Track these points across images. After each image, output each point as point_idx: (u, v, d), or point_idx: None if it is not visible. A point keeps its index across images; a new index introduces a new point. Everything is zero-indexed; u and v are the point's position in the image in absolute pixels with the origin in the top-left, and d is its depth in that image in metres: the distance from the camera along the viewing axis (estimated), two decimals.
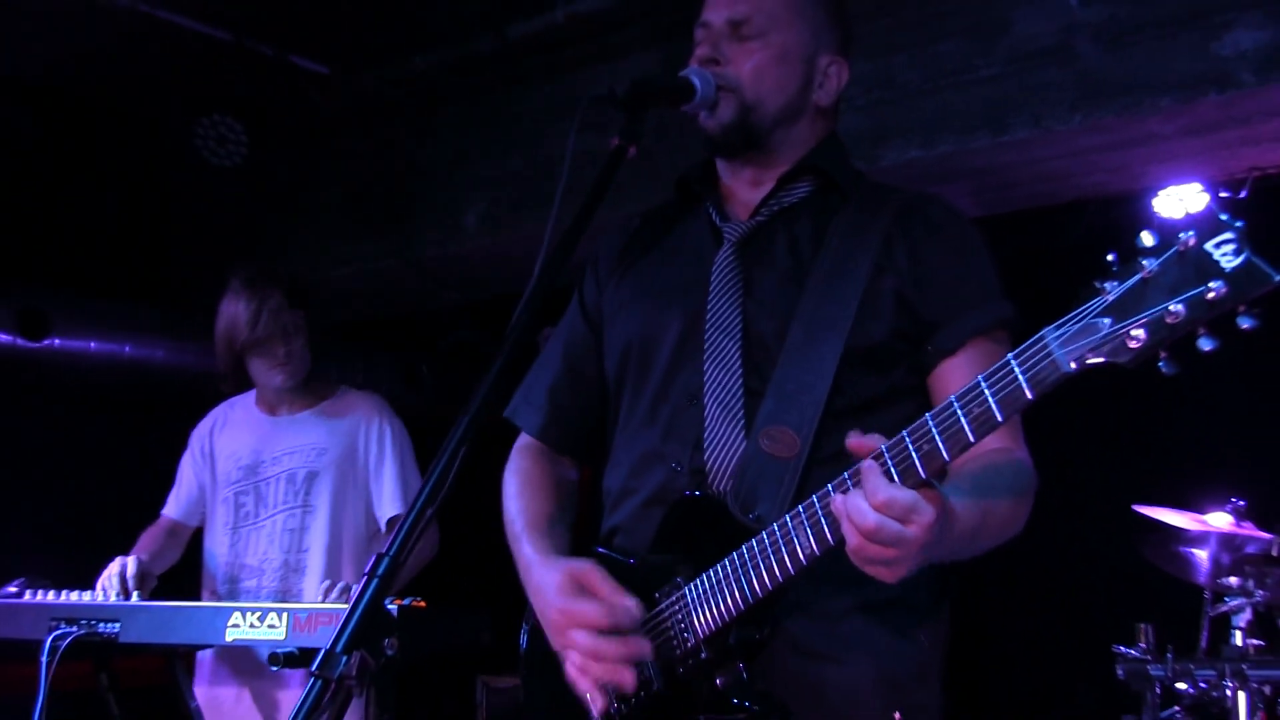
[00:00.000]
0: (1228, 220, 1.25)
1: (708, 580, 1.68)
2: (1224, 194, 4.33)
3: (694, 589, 1.69)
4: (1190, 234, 1.26)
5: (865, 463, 1.44)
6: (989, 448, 1.62)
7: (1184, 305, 1.25)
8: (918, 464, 1.43)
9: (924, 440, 1.43)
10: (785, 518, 1.58)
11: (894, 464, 1.44)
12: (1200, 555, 3.91)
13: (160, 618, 2.93)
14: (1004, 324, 1.80)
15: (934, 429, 1.42)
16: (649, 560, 1.80)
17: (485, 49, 4.85)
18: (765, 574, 1.60)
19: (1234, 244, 1.24)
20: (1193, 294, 1.25)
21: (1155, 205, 4.62)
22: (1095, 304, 1.32)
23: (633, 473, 1.91)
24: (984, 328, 1.78)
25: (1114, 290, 1.31)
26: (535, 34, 4.72)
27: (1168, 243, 1.28)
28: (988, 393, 1.39)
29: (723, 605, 1.65)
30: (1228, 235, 1.24)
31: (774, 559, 1.59)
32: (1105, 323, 1.31)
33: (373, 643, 1.38)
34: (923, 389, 1.81)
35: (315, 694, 1.34)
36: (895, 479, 1.43)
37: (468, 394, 1.54)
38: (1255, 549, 3.77)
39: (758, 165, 1.96)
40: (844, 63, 1.97)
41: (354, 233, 5.81)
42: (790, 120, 1.93)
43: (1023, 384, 1.36)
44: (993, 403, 1.38)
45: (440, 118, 5.54)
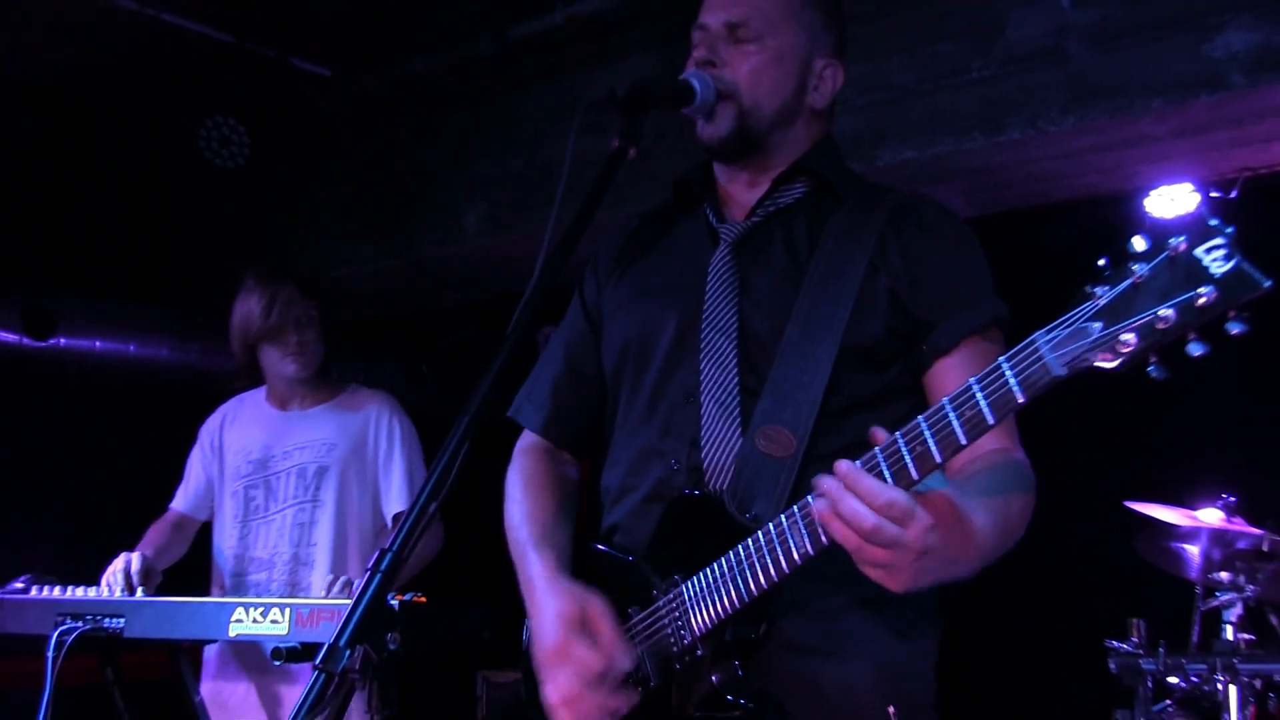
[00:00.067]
0: (1218, 226, 1.26)
1: (705, 578, 1.68)
2: (1215, 194, 4.31)
3: (691, 587, 1.70)
4: (1181, 239, 1.27)
5: (842, 463, 1.44)
6: (988, 449, 1.65)
7: (1174, 310, 1.26)
8: (910, 466, 1.44)
9: (916, 442, 1.44)
10: (780, 517, 1.59)
11: (887, 465, 1.46)
12: (1191, 551, 3.88)
13: (164, 613, 2.96)
14: (998, 323, 1.80)
15: (926, 431, 1.44)
16: (647, 558, 1.82)
17: (485, 51, 4.84)
18: (761, 573, 1.61)
19: (1224, 249, 1.25)
20: (1183, 299, 1.26)
21: (1147, 205, 4.61)
22: (1086, 308, 1.33)
23: (631, 470, 1.92)
24: (978, 327, 1.78)
25: (1105, 295, 1.32)
26: (535, 36, 4.72)
27: (1158, 248, 1.29)
28: (979, 395, 1.40)
29: (719, 603, 1.66)
30: (1218, 241, 1.25)
31: (769, 558, 1.60)
32: (1096, 327, 1.32)
33: (375, 637, 1.40)
34: (917, 388, 1.82)
35: (318, 688, 1.36)
36: (889, 480, 1.44)
37: (468, 393, 1.54)
38: (1246, 544, 3.73)
39: (754, 167, 1.96)
40: (839, 65, 1.97)
41: (355, 233, 5.80)
42: (786, 123, 1.94)
43: (1014, 387, 1.37)
44: (984, 406, 1.40)
45: (440, 119, 5.52)
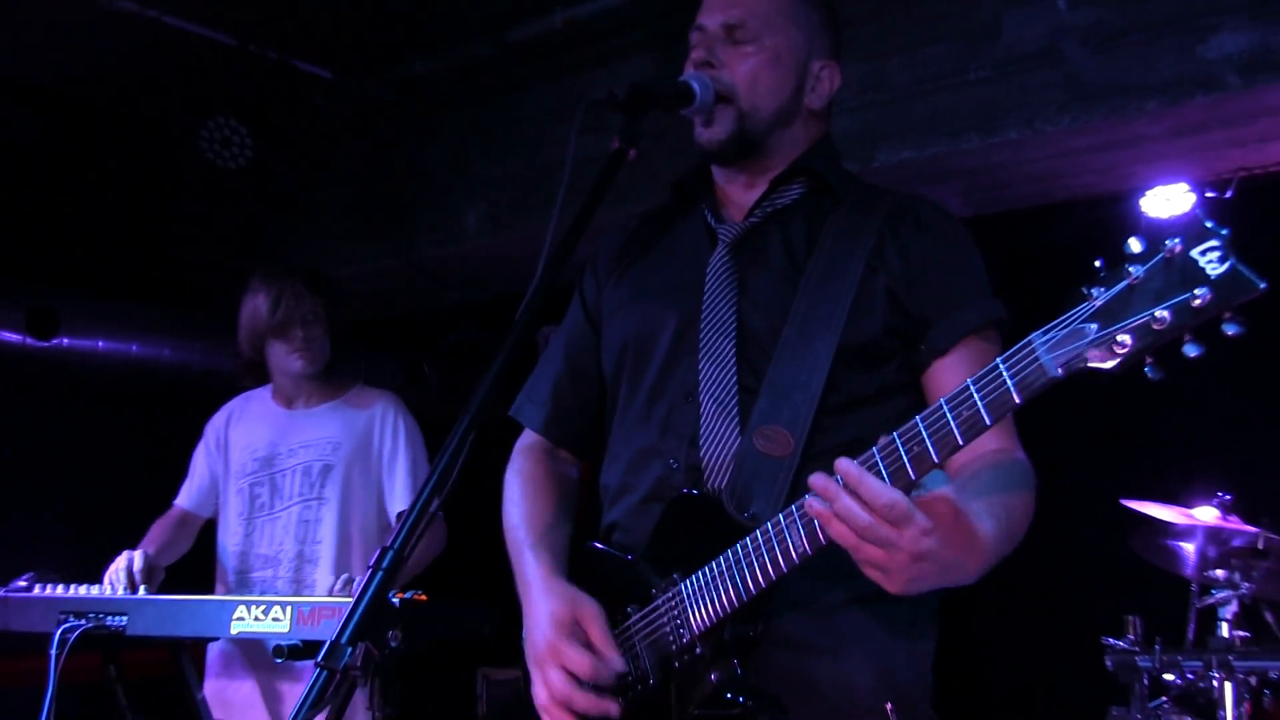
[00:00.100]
0: (1214, 228, 1.27)
1: (703, 577, 1.69)
2: (1210, 194, 4.32)
3: (690, 585, 1.71)
4: (1177, 241, 1.27)
5: (843, 461, 1.44)
6: (989, 449, 1.67)
7: (1170, 311, 1.27)
8: (908, 466, 1.45)
9: (914, 442, 1.45)
10: (779, 516, 1.59)
11: (885, 465, 1.46)
12: (1187, 548, 3.90)
13: (166, 611, 2.97)
14: (995, 323, 1.81)
15: (924, 431, 1.45)
16: (646, 557, 1.82)
17: (485, 54, 4.86)
18: (759, 571, 1.61)
19: (1219, 251, 1.25)
20: (1179, 300, 1.26)
21: (1143, 205, 4.62)
22: (1082, 309, 1.33)
23: (630, 469, 1.92)
24: (975, 327, 1.78)
25: (1101, 296, 1.32)
26: (534, 39, 4.72)
27: (1154, 249, 1.29)
28: (976, 396, 1.41)
29: (718, 602, 1.66)
30: (1213, 242, 1.26)
31: (767, 557, 1.60)
32: (1092, 328, 1.32)
33: (377, 634, 1.41)
34: (915, 386, 1.83)
35: (320, 684, 1.37)
36: (886, 479, 1.45)
37: (469, 393, 1.54)
38: (1241, 542, 3.74)
39: (752, 168, 1.97)
40: (836, 67, 1.98)
41: (356, 234, 5.81)
42: (784, 123, 1.94)
43: (1010, 388, 1.38)
44: (981, 406, 1.40)
45: (441, 121, 5.53)
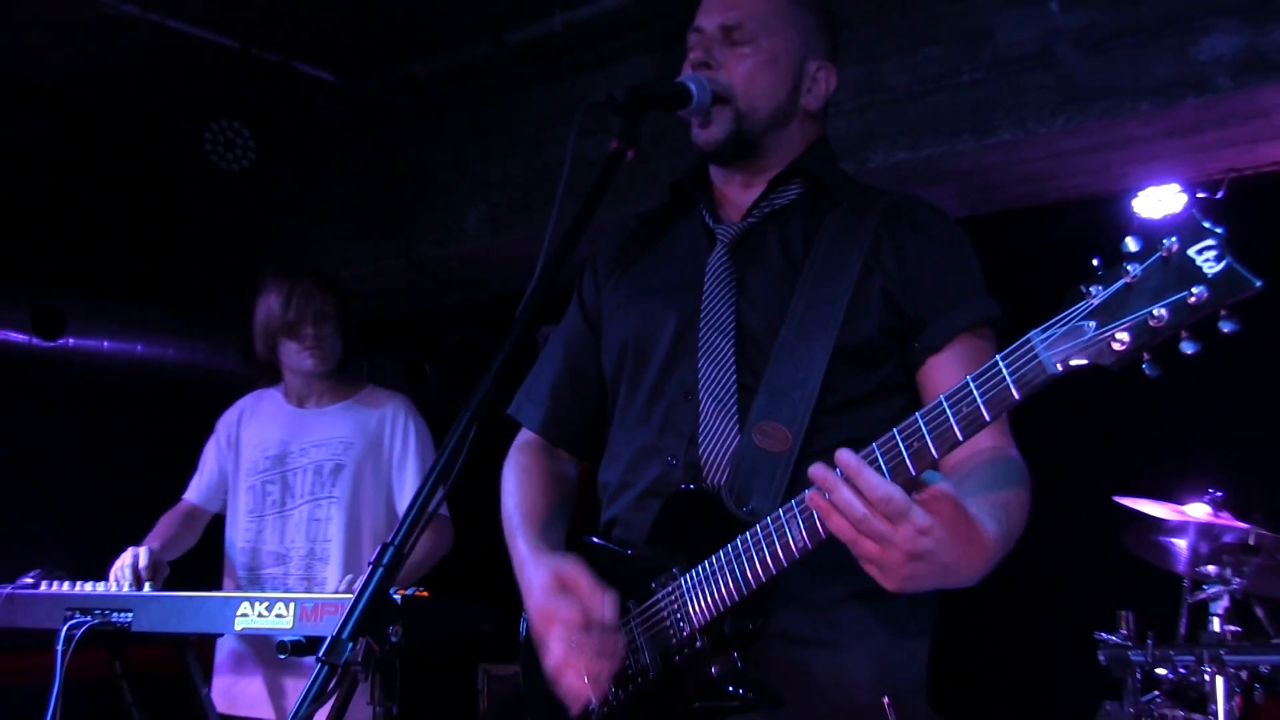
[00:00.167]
0: (1210, 227, 1.28)
1: (703, 571, 1.69)
2: (1202, 195, 4.33)
3: (689, 579, 1.70)
4: (1173, 240, 1.28)
5: (843, 453, 1.44)
6: (983, 446, 1.66)
7: (1167, 309, 1.28)
8: (908, 461, 1.46)
9: (914, 438, 1.46)
10: (779, 511, 1.60)
11: (885, 460, 1.47)
12: (1179, 544, 3.91)
13: (171, 607, 2.98)
14: (989, 321, 1.81)
15: (924, 428, 1.45)
16: (645, 551, 1.82)
17: (485, 56, 4.88)
18: (759, 565, 1.61)
19: (1216, 250, 1.26)
20: (1175, 298, 1.27)
21: (1136, 206, 4.64)
22: (1081, 307, 1.34)
23: (630, 466, 1.92)
24: (969, 325, 1.79)
25: (1099, 294, 1.33)
26: (534, 41, 4.74)
27: (1151, 248, 1.30)
28: (976, 393, 1.41)
29: (717, 595, 1.66)
30: (1210, 241, 1.27)
31: (767, 551, 1.60)
32: (1090, 326, 1.33)
33: (377, 630, 1.41)
34: (911, 385, 1.83)
35: (322, 679, 1.38)
36: (885, 475, 1.45)
37: (469, 392, 1.54)
38: (1232, 538, 3.77)
39: (749, 169, 1.97)
40: (832, 68, 1.99)
41: (357, 234, 5.83)
42: (781, 124, 1.95)
43: (1010, 385, 1.39)
44: (981, 403, 1.41)
45: (442, 123, 5.55)
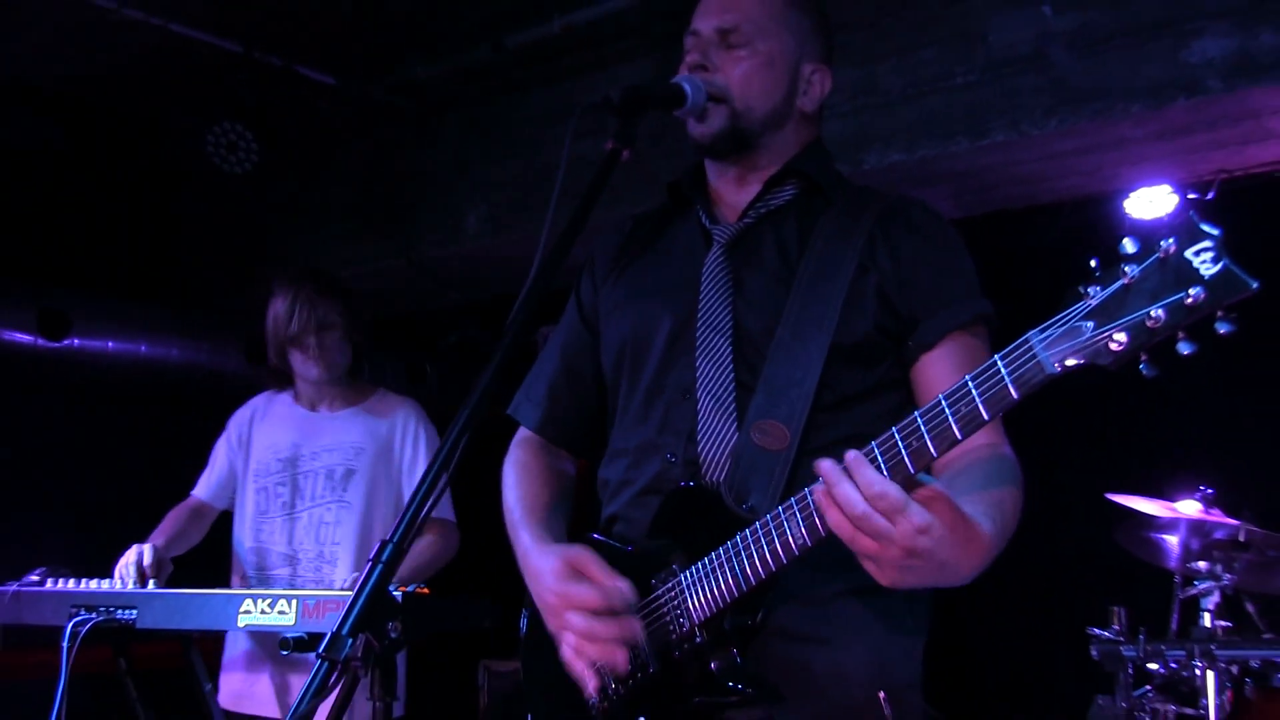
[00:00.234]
0: (1207, 228, 1.28)
1: (703, 567, 1.69)
2: (1193, 196, 4.35)
3: (689, 575, 1.71)
4: (1171, 241, 1.29)
5: (850, 454, 1.46)
6: (978, 443, 1.65)
7: (1164, 310, 1.28)
8: (907, 460, 1.47)
9: (913, 437, 1.46)
10: (778, 508, 1.60)
11: (884, 459, 1.48)
12: (1171, 541, 3.93)
13: (175, 604, 2.98)
14: (982, 319, 1.83)
15: (923, 427, 1.46)
16: (646, 547, 1.82)
17: (484, 59, 4.90)
18: (759, 562, 1.62)
19: (1213, 251, 1.27)
20: (1173, 299, 1.28)
21: (1128, 207, 4.66)
22: (1078, 308, 1.35)
23: (629, 464, 1.94)
24: (962, 323, 1.81)
25: (1097, 295, 1.34)
26: (533, 44, 4.77)
27: (1149, 249, 1.31)
28: (975, 393, 1.42)
29: (717, 591, 1.67)
30: (1207, 243, 1.27)
31: (767, 548, 1.61)
32: (1088, 326, 1.34)
33: (377, 626, 1.42)
34: (906, 382, 1.85)
35: (322, 675, 1.39)
36: (884, 473, 1.46)
37: (469, 392, 1.55)
38: (1223, 535, 3.78)
39: (744, 168, 1.99)
40: (827, 70, 2.00)
41: (358, 235, 5.85)
42: (776, 125, 1.96)
43: (1009, 384, 1.40)
44: (980, 403, 1.42)
45: (441, 124, 5.58)
